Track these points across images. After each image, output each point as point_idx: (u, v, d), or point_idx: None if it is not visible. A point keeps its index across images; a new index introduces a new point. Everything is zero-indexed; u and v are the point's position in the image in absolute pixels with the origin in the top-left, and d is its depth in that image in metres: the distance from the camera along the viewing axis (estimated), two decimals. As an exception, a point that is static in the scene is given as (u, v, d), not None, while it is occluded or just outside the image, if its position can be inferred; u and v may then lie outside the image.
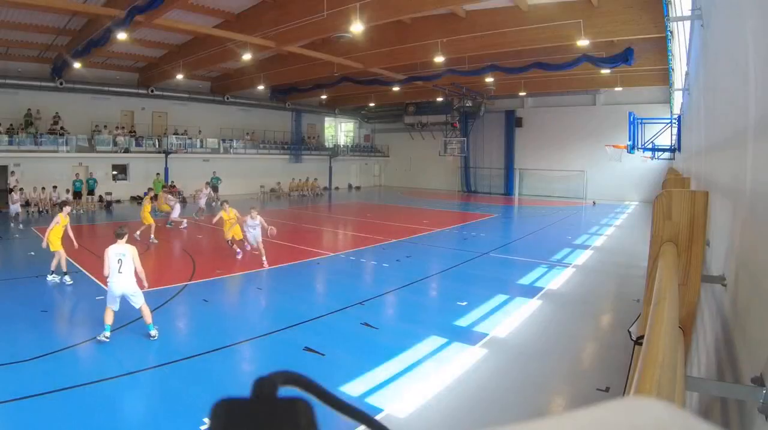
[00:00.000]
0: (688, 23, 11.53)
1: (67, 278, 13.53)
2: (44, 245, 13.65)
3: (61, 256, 13.65)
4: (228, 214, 18.84)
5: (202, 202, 28.92)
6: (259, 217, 16.78)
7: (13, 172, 30.90)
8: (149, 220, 20.90)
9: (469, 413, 6.93)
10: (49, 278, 13.63)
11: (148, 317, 9.51)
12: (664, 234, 2.96)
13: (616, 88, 36.92)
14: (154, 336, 9.41)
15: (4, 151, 31.57)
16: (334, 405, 0.61)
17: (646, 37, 22.35)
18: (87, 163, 35.32)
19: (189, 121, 42.45)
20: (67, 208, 14.53)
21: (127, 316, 10.48)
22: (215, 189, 37.27)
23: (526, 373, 8.34)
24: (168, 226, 24.05)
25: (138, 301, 9.54)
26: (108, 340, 9.07)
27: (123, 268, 9.52)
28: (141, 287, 9.78)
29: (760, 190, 2.39)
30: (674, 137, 24.59)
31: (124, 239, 10.10)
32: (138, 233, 20.29)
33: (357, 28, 20.81)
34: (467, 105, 45.75)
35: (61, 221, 13.96)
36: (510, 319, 11.05)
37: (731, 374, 2.47)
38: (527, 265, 16.95)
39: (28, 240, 20.50)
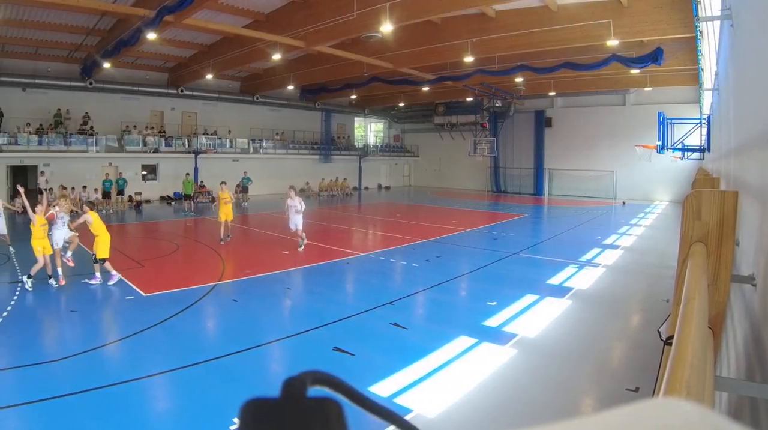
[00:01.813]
0: (717, 23, 11.44)
1: (52, 281, 12.99)
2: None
3: (46, 261, 12.97)
4: (223, 193, 20.23)
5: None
6: (297, 197, 17.72)
7: (42, 172, 31.09)
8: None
9: (498, 414, 6.92)
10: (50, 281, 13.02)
11: None
12: (694, 234, 2.96)
13: (646, 89, 36.79)
14: None
15: (33, 151, 31.84)
16: (363, 405, 0.62)
17: (675, 37, 22.17)
18: (116, 163, 35.52)
19: (218, 121, 42.64)
20: (39, 208, 13.28)
21: (157, 316, 10.66)
22: (245, 190, 37.44)
23: (555, 373, 8.31)
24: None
25: None
26: None
27: None
28: None
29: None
30: (704, 137, 24.37)
31: None
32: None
33: (386, 28, 20.90)
34: (497, 105, 45.54)
35: (38, 221, 12.96)
36: (539, 319, 11.00)
37: (761, 374, 2.48)
38: (557, 265, 16.85)
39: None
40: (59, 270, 13.91)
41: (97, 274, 13.86)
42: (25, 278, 12.80)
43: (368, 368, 8.41)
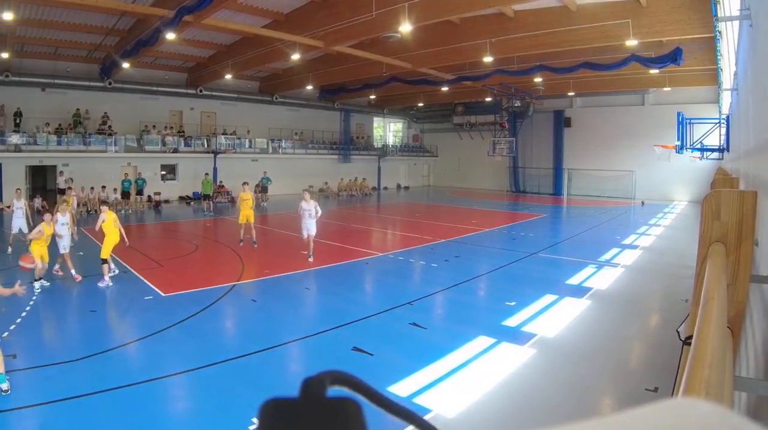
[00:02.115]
0: (736, 23, 11.38)
1: (39, 284, 12.61)
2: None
3: (38, 265, 12.33)
4: (245, 194, 19.37)
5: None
6: (313, 201, 16.63)
7: (62, 172, 31.16)
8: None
9: (517, 414, 6.93)
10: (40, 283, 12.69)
11: (0, 365, 7.34)
12: (713, 234, 2.96)
13: (665, 89, 36.62)
14: (6, 391, 7.22)
15: (52, 151, 31.97)
16: (382, 405, 0.62)
17: (694, 37, 22.08)
18: (136, 163, 35.63)
19: (237, 121, 42.70)
20: (48, 216, 13.14)
21: (176, 316, 10.71)
22: (264, 190, 37.49)
23: (574, 373, 8.31)
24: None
25: None
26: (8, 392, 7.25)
27: None
28: None
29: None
30: (723, 137, 24.23)
31: None
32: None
33: (405, 28, 20.92)
34: (516, 105, 45.45)
35: (45, 231, 12.69)
36: (559, 319, 11.00)
37: (780, 374, 2.49)
38: (576, 265, 16.84)
39: (77, 240, 20.54)
40: (72, 271, 14.13)
41: (108, 271, 13.95)
42: (36, 284, 12.62)
43: (387, 368, 8.42)
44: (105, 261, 13.86)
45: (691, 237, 20.24)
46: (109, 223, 14.01)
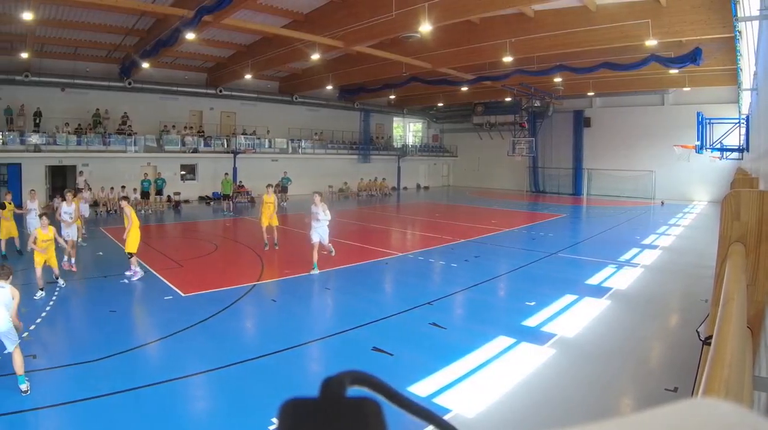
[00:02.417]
0: (756, 23, 11.34)
1: (41, 293, 11.90)
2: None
3: (38, 274, 11.96)
4: (268, 196, 18.77)
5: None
6: (322, 204, 15.25)
7: (81, 172, 31.26)
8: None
9: (537, 414, 6.94)
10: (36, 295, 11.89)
11: (20, 366, 7.37)
12: (733, 234, 2.97)
13: (685, 89, 36.48)
14: (26, 391, 7.25)
15: (72, 151, 32.10)
16: (402, 405, 0.62)
17: (714, 37, 21.97)
18: (155, 163, 35.75)
19: (257, 121, 42.78)
20: (45, 220, 12.40)
21: (195, 316, 10.75)
22: (284, 190, 37.51)
23: (594, 373, 8.30)
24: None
25: (11, 342, 7.55)
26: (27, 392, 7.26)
27: None
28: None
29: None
30: (742, 137, 24.10)
31: (9, 280, 8.13)
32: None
33: (425, 28, 20.91)
34: (536, 105, 45.36)
35: (39, 236, 11.99)
36: (578, 319, 10.99)
37: (799, 375, 2.49)
38: (595, 265, 16.81)
39: (96, 240, 20.71)
40: (72, 259, 14.87)
41: (132, 267, 14.27)
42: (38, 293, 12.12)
43: (407, 368, 8.44)
44: (132, 254, 14.23)
45: (710, 237, 20.12)
46: (133, 217, 14.33)
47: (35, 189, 19.36)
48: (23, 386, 7.25)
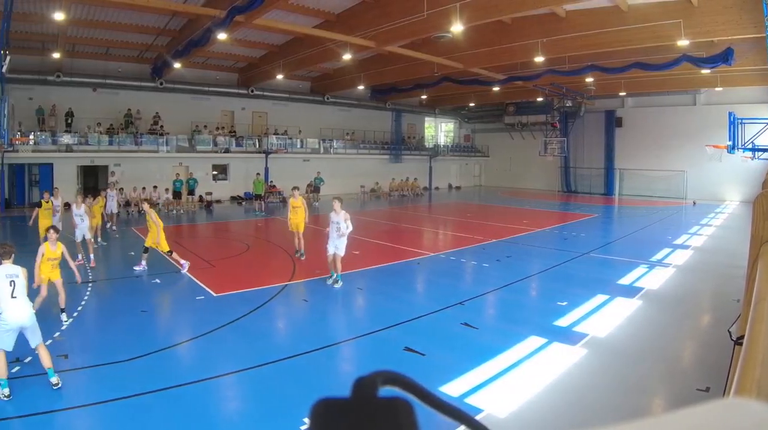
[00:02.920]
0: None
1: (63, 316, 10.49)
2: (35, 284, 10.00)
3: (42, 292, 10.33)
4: (295, 200, 17.51)
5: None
6: (343, 212, 13.58)
7: (113, 173, 31.44)
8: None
9: (568, 414, 6.94)
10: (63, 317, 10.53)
11: (48, 360, 7.36)
12: (765, 234, 2.97)
13: (716, 89, 36.31)
14: (57, 384, 7.30)
15: (104, 151, 32.46)
16: (434, 405, 0.62)
17: (746, 37, 21.85)
18: (187, 163, 35.98)
19: (289, 121, 42.93)
20: (53, 234, 10.94)
21: (227, 316, 10.81)
22: (317, 190, 37.61)
23: (625, 373, 8.28)
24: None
25: (36, 337, 7.46)
26: (9, 398, 7.04)
27: (16, 291, 7.43)
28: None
29: None
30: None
31: (11, 259, 7.86)
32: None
33: (457, 28, 20.93)
34: (567, 105, 45.38)
35: (46, 253, 10.48)
36: (610, 319, 10.95)
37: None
38: (627, 265, 16.73)
39: (127, 240, 21.02)
40: (91, 255, 15.45)
41: (143, 262, 14.87)
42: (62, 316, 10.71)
43: (439, 368, 8.43)
44: (171, 252, 14.78)
45: (742, 237, 19.91)
46: (157, 219, 14.78)
47: (73, 190, 19.52)
48: (53, 379, 7.31)
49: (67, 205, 19.46)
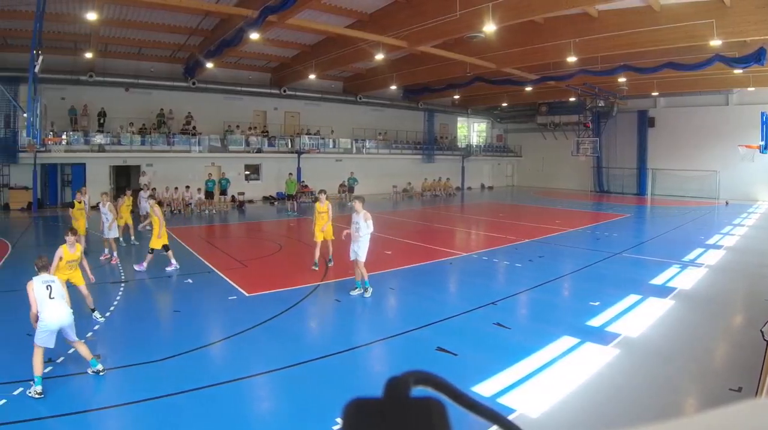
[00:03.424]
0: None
1: (96, 314, 10.62)
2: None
3: (82, 292, 10.40)
4: (321, 205, 15.60)
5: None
6: (363, 212, 12.86)
7: (144, 173, 31.29)
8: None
9: (601, 414, 6.94)
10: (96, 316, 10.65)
11: (87, 353, 7.83)
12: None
13: (749, 88, 36.12)
14: (102, 371, 7.80)
15: (136, 151, 32.62)
16: (466, 405, 0.63)
17: (779, 37, 21.56)
18: (219, 163, 36.16)
19: (321, 121, 42.92)
20: (71, 237, 10.56)
21: (259, 316, 10.86)
22: (351, 190, 37.72)
23: (658, 373, 8.26)
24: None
25: (73, 333, 7.78)
26: (41, 396, 7.12)
27: (54, 293, 7.68)
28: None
29: None
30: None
31: (48, 272, 8.21)
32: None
33: (489, 28, 20.82)
34: (600, 105, 45.04)
35: (64, 255, 10.26)
36: (642, 319, 10.91)
37: None
38: (660, 265, 16.66)
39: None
40: (114, 253, 15.96)
41: (172, 260, 15.11)
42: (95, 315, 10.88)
43: (471, 367, 8.47)
44: (167, 248, 15.00)
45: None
46: (151, 214, 15.17)
47: (103, 189, 19.63)
48: (99, 367, 7.67)
49: (96, 206, 19.70)
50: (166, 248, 15.13)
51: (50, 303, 7.47)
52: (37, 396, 7.03)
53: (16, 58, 28.11)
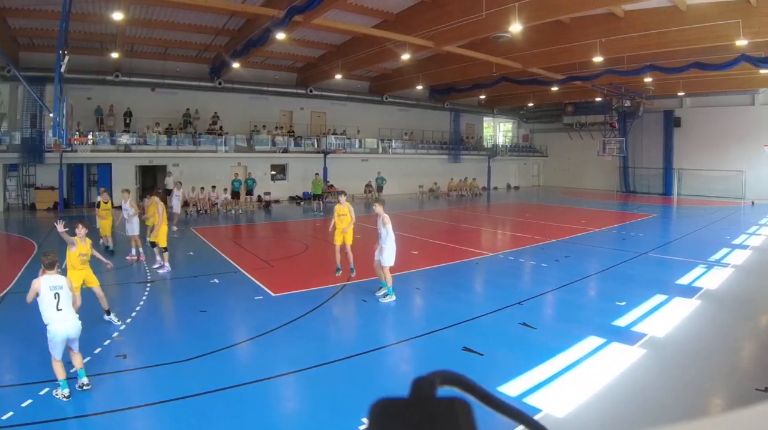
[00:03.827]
0: None
1: (113, 317, 10.39)
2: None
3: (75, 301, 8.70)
4: (342, 208, 15.14)
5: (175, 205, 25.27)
6: (384, 215, 12.45)
7: (170, 173, 31.65)
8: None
9: (627, 414, 6.94)
10: (107, 317, 10.39)
11: (79, 361, 7.53)
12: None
13: (775, 89, 35.46)
14: (87, 385, 7.42)
15: (162, 151, 32.79)
16: (492, 405, 0.63)
17: (804, 38, 21.49)
18: (245, 163, 36.16)
19: (347, 121, 43.06)
20: (82, 230, 10.36)
21: (285, 316, 10.91)
22: (379, 189, 37.85)
23: (684, 373, 8.25)
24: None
25: (76, 344, 7.53)
26: (68, 399, 7.13)
27: (62, 304, 7.40)
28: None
29: None
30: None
31: (55, 270, 7.80)
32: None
33: (516, 28, 20.88)
34: (626, 105, 45.06)
35: (78, 247, 10.09)
36: (669, 319, 10.87)
37: None
38: (686, 265, 16.58)
39: (186, 240, 21.16)
40: (140, 249, 16.04)
41: (163, 261, 15.21)
42: (110, 317, 10.54)
43: (497, 367, 8.47)
44: (165, 249, 15.13)
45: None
46: (151, 210, 15.41)
47: (127, 188, 19.70)
48: (84, 380, 7.43)
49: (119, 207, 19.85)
50: (153, 245, 15.39)
51: (58, 316, 7.31)
52: (64, 399, 7.07)
53: (42, 58, 28.44)
